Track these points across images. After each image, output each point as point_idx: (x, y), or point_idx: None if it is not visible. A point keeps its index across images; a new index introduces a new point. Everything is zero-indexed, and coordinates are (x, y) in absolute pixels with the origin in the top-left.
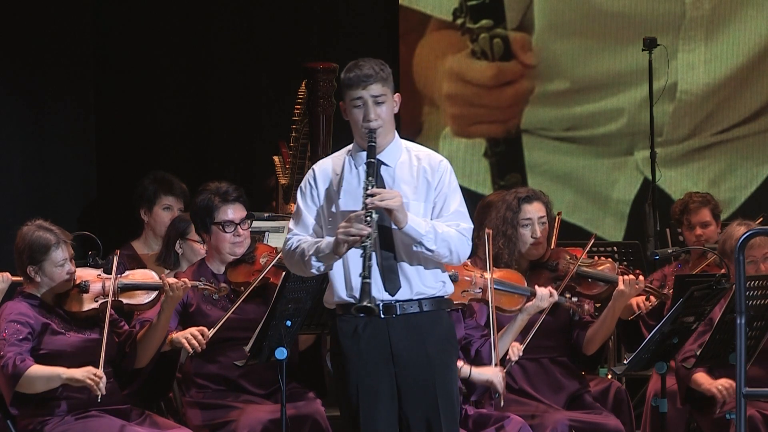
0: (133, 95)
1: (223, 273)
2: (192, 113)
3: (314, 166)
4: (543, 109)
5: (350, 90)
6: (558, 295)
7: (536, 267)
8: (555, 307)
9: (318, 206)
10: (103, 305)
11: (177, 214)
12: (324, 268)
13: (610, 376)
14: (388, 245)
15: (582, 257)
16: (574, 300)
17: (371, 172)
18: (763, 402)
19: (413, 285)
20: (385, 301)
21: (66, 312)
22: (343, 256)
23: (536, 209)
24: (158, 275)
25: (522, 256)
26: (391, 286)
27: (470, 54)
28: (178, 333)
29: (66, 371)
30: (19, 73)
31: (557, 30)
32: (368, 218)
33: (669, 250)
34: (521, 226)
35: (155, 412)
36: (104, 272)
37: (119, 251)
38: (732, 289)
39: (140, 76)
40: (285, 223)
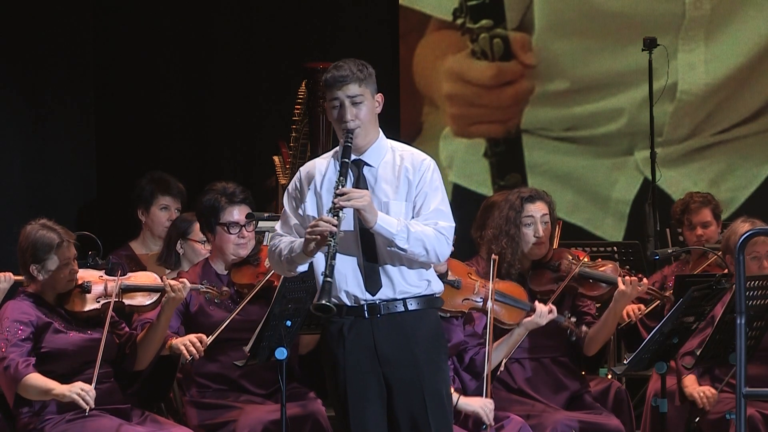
0: (133, 95)
1: (227, 274)
2: (192, 113)
3: (301, 168)
4: (543, 109)
5: (328, 91)
6: (557, 311)
7: (538, 267)
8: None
9: (302, 208)
10: (104, 306)
11: (174, 214)
12: (300, 268)
13: (610, 376)
14: (369, 245)
15: (584, 258)
16: (572, 320)
17: (344, 172)
18: (763, 402)
19: (396, 284)
20: (369, 301)
21: (67, 312)
22: (313, 255)
23: (539, 208)
24: (160, 276)
25: (524, 255)
26: (372, 286)
27: (470, 54)
28: (177, 339)
29: (57, 388)
30: (19, 73)
31: (557, 30)
32: (335, 217)
33: (669, 250)
34: (524, 225)
35: (155, 411)
36: (106, 273)
37: (120, 251)
38: (733, 288)
39: (140, 76)
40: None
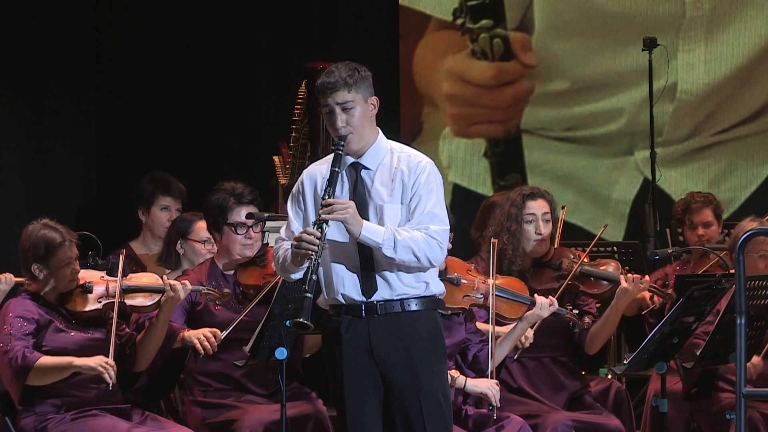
0: (133, 95)
1: (233, 274)
2: (192, 113)
3: (305, 171)
4: (543, 109)
5: (320, 97)
6: (558, 305)
7: (539, 266)
8: (555, 318)
9: (303, 211)
10: (106, 306)
11: (175, 214)
12: (295, 276)
13: (610, 376)
14: (366, 250)
15: (584, 257)
16: (574, 312)
17: (332, 182)
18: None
19: (393, 286)
20: (366, 302)
21: (68, 311)
22: (301, 265)
23: (540, 206)
24: (160, 277)
25: (525, 253)
26: (367, 288)
27: (470, 54)
28: (190, 332)
29: (78, 359)
30: (19, 73)
31: (557, 30)
32: (319, 230)
33: (669, 250)
34: (525, 222)
35: (155, 411)
36: (108, 275)
37: (119, 251)
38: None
39: (140, 76)
40: (285, 223)
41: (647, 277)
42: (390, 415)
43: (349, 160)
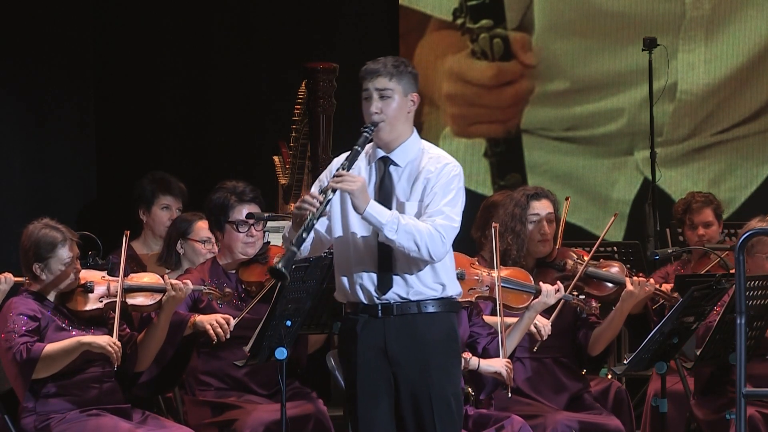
0: (133, 95)
1: (234, 272)
2: (192, 113)
3: (336, 158)
4: (543, 109)
5: (361, 81)
6: (564, 292)
7: (543, 266)
8: (561, 305)
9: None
10: (107, 305)
11: (175, 213)
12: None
13: (610, 376)
14: (386, 251)
15: (588, 259)
16: (581, 297)
17: (350, 157)
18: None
19: (410, 286)
20: (383, 302)
21: (69, 311)
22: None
23: (544, 206)
24: (161, 277)
25: (529, 253)
26: (383, 286)
27: (470, 54)
28: (201, 317)
29: (86, 337)
30: (19, 73)
31: (557, 30)
32: (323, 195)
33: (669, 250)
34: (529, 222)
35: (155, 411)
36: (108, 274)
37: (119, 251)
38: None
39: (140, 76)
40: (285, 223)
41: (652, 280)
42: (400, 416)
43: (380, 153)
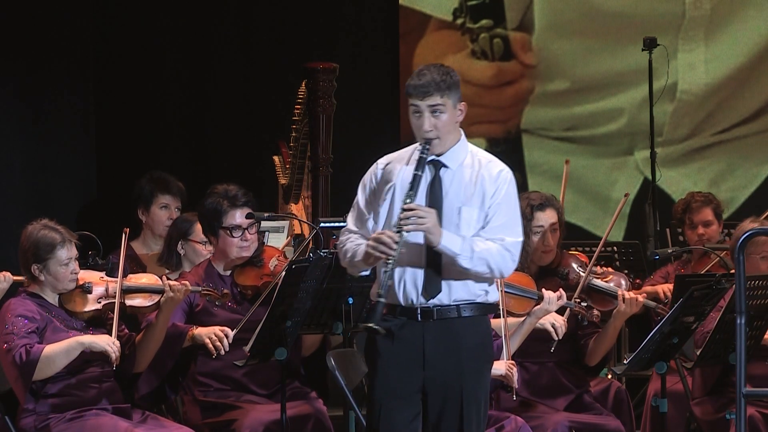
0: (133, 95)
1: (229, 275)
2: (192, 113)
3: (380, 160)
4: (543, 109)
5: (409, 98)
6: (566, 299)
7: (546, 274)
8: (562, 311)
9: (376, 200)
10: (105, 306)
11: (174, 213)
12: (365, 273)
13: (610, 376)
14: (435, 255)
15: (591, 266)
16: (583, 305)
17: (414, 185)
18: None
19: (453, 291)
20: (423, 306)
21: (68, 312)
22: (372, 265)
23: (548, 216)
24: (160, 278)
25: (532, 261)
26: (431, 289)
27: (470, 54)
28: (200, 330)
29: (85, 337)
30: (19, 73)
31: (557, 30)
32: (398, 233)
33: (669, 250)
34: (533, 233)
35: (155, 411)
36: (107, 275)
37: (119, 250)
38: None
39: (140, 76)
40: (285, 223)
41: (641, 297)
42: (428, 418)
43: (430, 156)
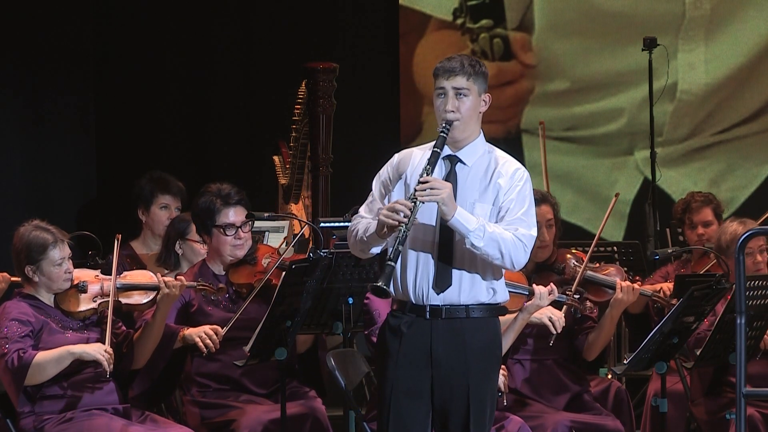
0: (133, 95)
1: (224, 274)
2: (192, 113)
3: (396, 154)
4: (543, 109)
5: (436, 80)
6: (558, 293)
7: (542, 270)
8: (556, 306)
9: (390, 192)
10: (101, 305)
11: (174, 213)
12: (374, 250)
13: (610, 376)
14: (447, 244)
15: (588, 259)
16: (575, 297)
17: (432, 161)
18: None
19: (463, 291)
20: (432, 304)
21: (64, 312)
22: (385, 237)
23: (544, 212)
24: (156, 275)
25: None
26: (442, 283)
27: (470, 54)
28: (190, 330)
29: (75, 347)
30: (19, 72)
31: (557, 30)
32: (413, 203)
33: (669, 250)
34: None
35: (155, 411)
36: (102, 273)
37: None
38: (732, 288)
39: (140, 76)
40: (285, 223)
41: (638, 285)
42: (436, 421)
43: (447, 150)
